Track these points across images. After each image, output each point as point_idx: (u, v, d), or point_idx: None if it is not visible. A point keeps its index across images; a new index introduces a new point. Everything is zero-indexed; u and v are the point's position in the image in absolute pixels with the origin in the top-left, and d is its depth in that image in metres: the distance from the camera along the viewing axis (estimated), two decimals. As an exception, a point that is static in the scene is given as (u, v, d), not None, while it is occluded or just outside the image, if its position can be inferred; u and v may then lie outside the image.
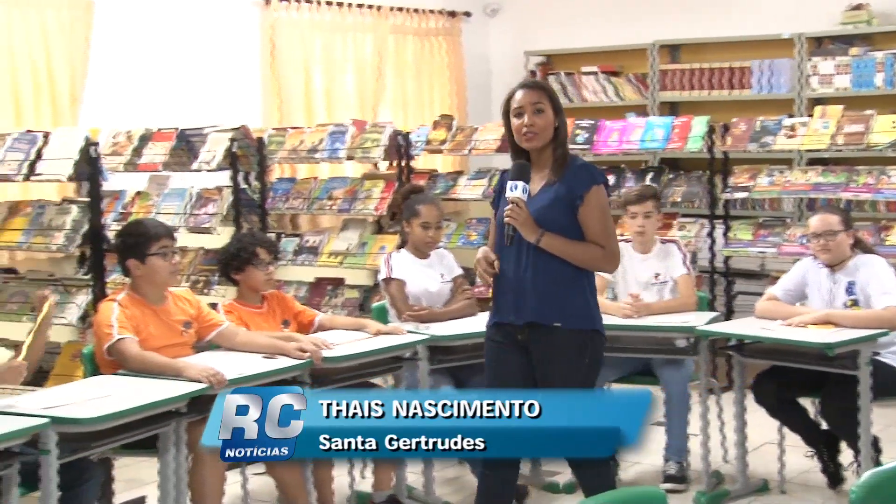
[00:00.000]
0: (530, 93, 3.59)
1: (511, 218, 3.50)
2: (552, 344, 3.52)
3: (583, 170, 3.59)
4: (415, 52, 8.06)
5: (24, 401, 3.46)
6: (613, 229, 3.63)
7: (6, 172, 4.81)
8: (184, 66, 6.51)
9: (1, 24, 5.60)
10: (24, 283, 5.00)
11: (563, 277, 3.53)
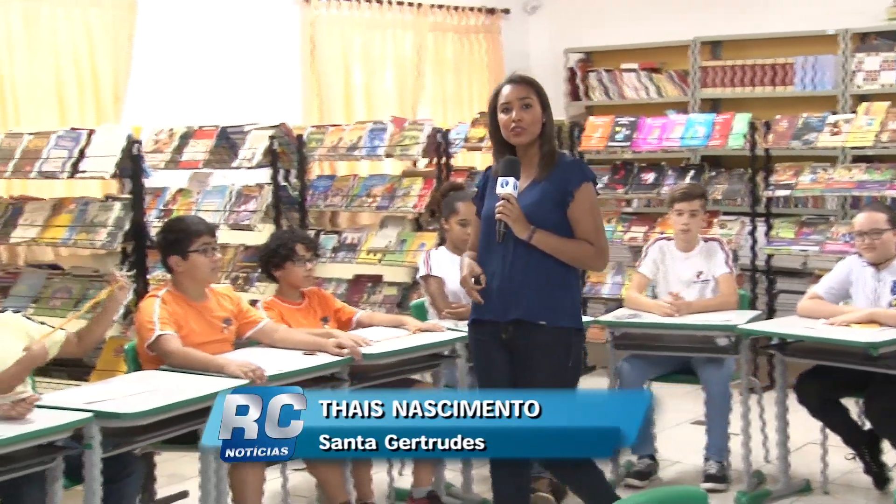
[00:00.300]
0: (518, 88, 3.53)
1: (503, 214, 3.43)
2: (537, 342, 3.47)
3: (573, 166, 3.56)
4: (454, 50, 8.05)
5: (68, 395, 3.50)
6: (603, 226, 3.60)
7: (51, 170, 4.87)
8: (225, 64, 6.56)
9: (46, 23, 5.66)
10: (69, 279, 5.07)
11: (551, 275, 3.48)
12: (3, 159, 5.04)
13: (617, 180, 6.55)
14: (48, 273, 5.15)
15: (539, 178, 3.51)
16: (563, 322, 3.49)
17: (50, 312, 4.91)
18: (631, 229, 6.51)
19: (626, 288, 6.02)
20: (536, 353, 3.47)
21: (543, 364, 3.47)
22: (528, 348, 3.48)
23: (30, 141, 5.02)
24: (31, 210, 5.13)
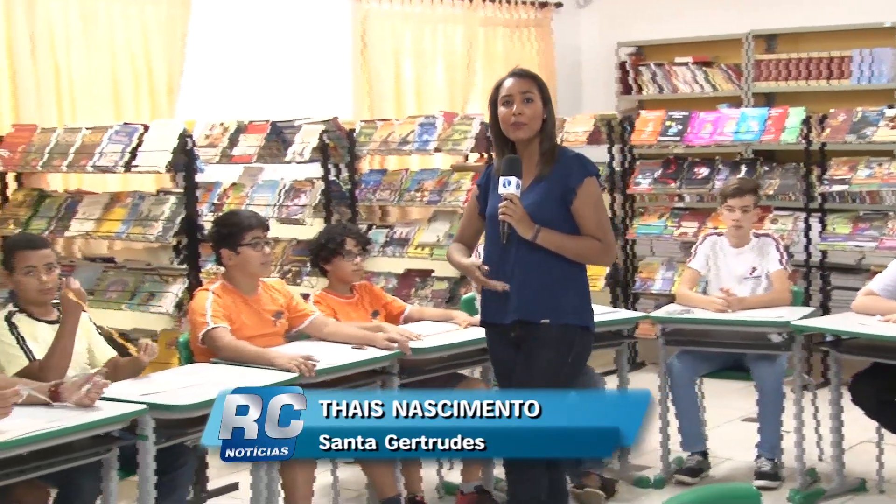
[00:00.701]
0: (520, 81, 3.45)
1: (506, 215, 3.37)
2: (539, 341, 3.42)
3: (574, 161, 3.47)
4: (505, 44, 8.03)
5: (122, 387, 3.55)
6: (608, 221, 3.53)
7: (106, 164, 4.93)
8: (277, 59, 6.60)
9: (102, 18, 5.74)
10: (123, 272, 5.13)
11: (554, 273, 3.42)
12: (60, 154, 5.11)
13: (668, 175, 6.50)
14: (103, 266, 5.22)
15: (540, 175, 3.44)
16: (568, 319, 3.42)
17: (105, 305, 4.98)
18: (682, 224, 6.46)
19: (677, 283, 5.98)
20: (538, 347, 3.43)
21: (541, 358, 3.42)
22: (532, 343, 3.44)
23: (86, 136, 5.09)
24: (86, 204, 5.21)
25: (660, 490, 4.61)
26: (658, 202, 7.07)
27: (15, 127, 5.35)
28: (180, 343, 4.15)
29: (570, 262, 3.43)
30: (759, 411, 4.67)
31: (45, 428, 3.05)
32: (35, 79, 5.46)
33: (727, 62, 7.89)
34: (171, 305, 4.85)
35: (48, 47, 5.51)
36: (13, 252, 3.66)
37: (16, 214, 5.31)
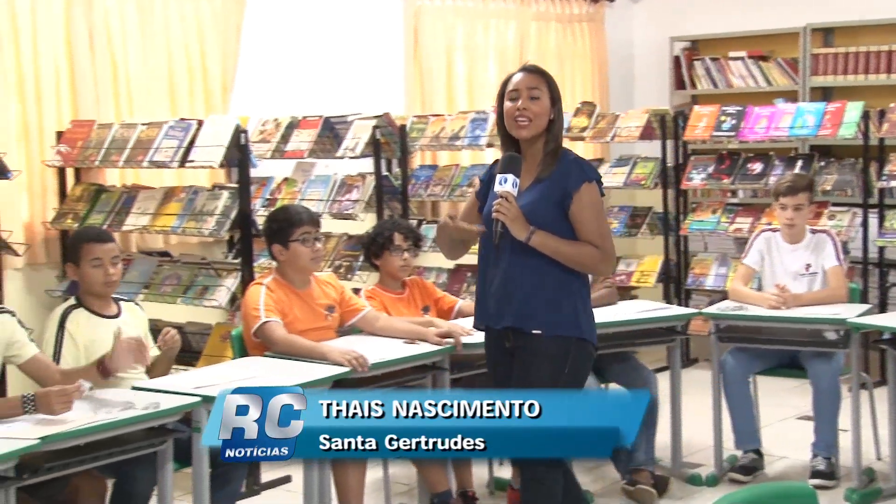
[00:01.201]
0: (529, 76, 3.33)
1: (500, 213, 3.23)
2: (532, 351, 3.29)
3: (574, 165, 3.34)
4: (557, 39, 8.00)
5: (177, 380, 3.60)
6: (608, 229, 3.40)
7: (162, 159, 4.99)
8: (330, 54, 6.63)
9: (158, 15, 5.80)
10: (178, 266, 5.20)
11: (550, 280, 3.28)
12: (117, 149, 5.19)
13: (722, 170, 6.43)
14: (158, 260, 5.29)
15: (541, 176, 3.31)
16: (561, 331, 3.28)
17: (160, 298, 5.04)
18: (736, 220, 6.40)
19: (731, 279, 5.91)
20: (533, 360, 3.29)
21: (537, 371, 3.28)
22: (526, 355, 3.30)
23: (142, 131, 5.15)
24: (142, 199, 5.28)
25: (713, 488, 4.57)
26: (711, 198, 6.99)
27: (74, 123, 5.44)
28: (234, 337, 4.19)
29: (567, 268, 3.29)
30: (814, 409, 4.60)
31: (102, 419, 3.10)
32: (93, 75, 5.54)
33: (783, 56, 7.78)
34: (225, 299, 4.89)
35: (106, 44, 5.58)
36: (81, 244, 3.71)
37: (74, 209, 5.39)
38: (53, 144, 5.40)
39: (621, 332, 4.55)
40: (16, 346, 3.40)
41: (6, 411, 3.14)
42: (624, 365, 4.65)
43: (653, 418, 4.53)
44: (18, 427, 3.02)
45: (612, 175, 6.92)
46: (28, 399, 3.15)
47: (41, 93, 5.40)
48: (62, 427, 3.02)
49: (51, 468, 3.01)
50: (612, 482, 4.62)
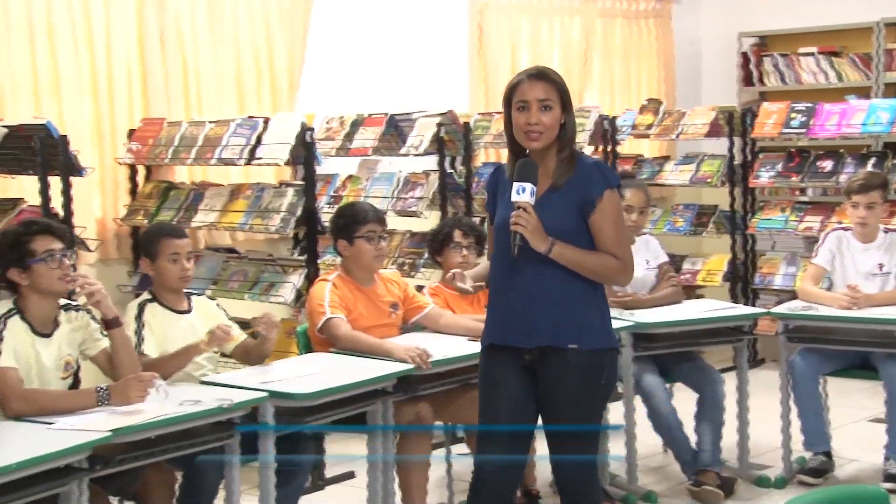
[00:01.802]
0: (539, 86, 3.13)
1: (519, 225, 3.06)
2: (566, 367, 3.13)
3: (595, 171, 3.18)
4: (623, 35, 7.94)
5: (244, 375, 3.64)
6: (627, 237, 3.27)
7: (229, 157, 5.05)
8: (394, 52, 6.65)
9: (227, 14, 5.87)
10: (244, 262, 5.25)
11: (575, 292, 3.14)
12: (186, 147, 5.26)
13: (791, 168, 6.33)
14: (226, 256, 5.35)
15: (557, 184, 3.15)
16: (595, 343, 3.17)
17: (227, 294, 5.11)
18: (805, 219, 6.30)
19: (800, 279, 5.82)
20: (565, 379, 3.14)
21: (572, 391, 3.15)
22: (556, 374, 3.15)
23: (210, 129, 5.22)
24: (210, 195, 5.35)
25: (781, 490, 4.50)
26: (780, 196, 6.89)
27: (145, 121, 5.53)
28: (299, 333, 4.23)
29: (585, 279, 3.16)
30: (887, 412, 4.51)
31: (171, 413, 3.15)
32: (164, 74, 5.62)
33: (855, 52, 7.63)
34: (290, 296, 4.94)
35: (176, 43, 5.66)
36: (158, 239, 3.76)
37: (145, 205, 5.48)
38: (125, 142, 5.50)
39: (687, 331, 4.52)
40: (90, 341, 3.48)
41: (81, 402, 3.21)
42: (690, 365, 4.61)
43: (719, 419, 4.48)
44: (91, 419, 3.08)
45: (677, 173, 6.86)
46: (102, 391, 3.22)
47: (114, 91, 5.50)
48: (133, 420, 3.07)
49: (122, 460, 3.07)
50: (677, 483, 4.58)
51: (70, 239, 3.44)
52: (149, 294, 3.78)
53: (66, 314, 3.41)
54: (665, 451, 4.82)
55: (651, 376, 4.50)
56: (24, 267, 3.29)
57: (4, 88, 5.07)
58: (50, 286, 3.30)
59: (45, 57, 5.21)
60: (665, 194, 7.42)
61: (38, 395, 3.21)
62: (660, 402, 4.47)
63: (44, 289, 3.30)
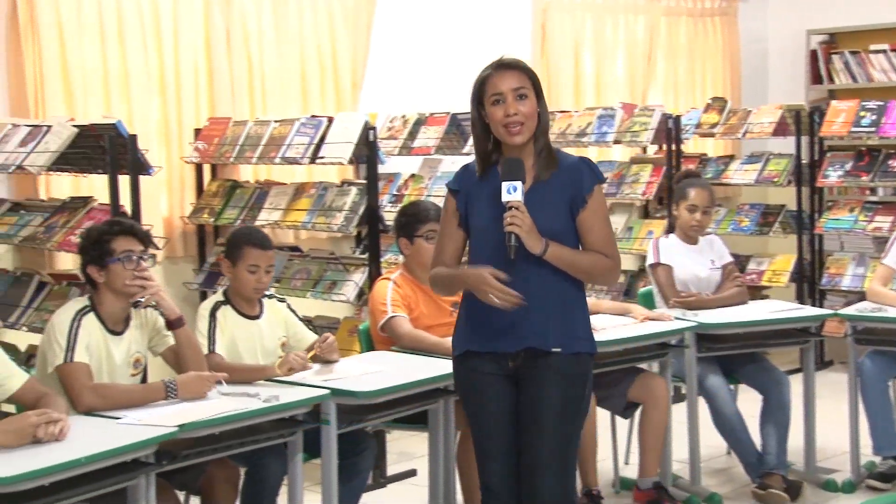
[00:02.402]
0: (510, 76, 3.03)
1: (514, 225, 2.92)
2: (548, 371, 3.01)
3: (583, 166, 3.05)
4: (688, 34, 7.86)
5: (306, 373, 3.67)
6: (614, 235, 3.15)
7: (293, 156, 5.09)
8: (457, 51, 6.65)
9: (292, 14, 5.93)
10: (307, 260, 5.30)
11: (565, 294, 3.03)
12: (251, 146, 5.32)
13: (861, 167, 6.22)
14: (289, 255, 5.40)
15: (540, 179, 3.02)
16: (580, 347, 3.05)
17: (290, 293, 5.15)
18: (875, 219, 6.18)
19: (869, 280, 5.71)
20: (548, 381, 3.02)
21: (555, 395, 3.01)
22: (540, 377, 3.02)
23: (275, 128, 5.27)
24: (274, 194, 5.40)
25: (849, 494, 4.42)
26: (848, 195, 6.76)
27: (210, 120, 5.60)
28: (361, 331, 4.25)
29: (575, 280, 3.05)
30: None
31: (236, 409, 3.19)
32: (230, 74, 5.69)
33: (928, 49, 7.46)
34: (353, 294, 4.97)
35: (242, 43, 5.73)
36: (244, 246, 3.76)
37: (210, 204, 5.56)
38: (191, 141, 5.58)
39: (753, 332, 4.47)
40: (158, 338, 3.53)
41: (150, 396, 3.27)
42: (755, 366, 4.55)
43: (785, 421, 4.42)
44: (157, 415, 3.13)
45: (742, 172, 6.77)
46: (170, 384, 3.27)
47: (181, 91, 5.58)
48: (199, 415, 3.11)
49: (187, 455, 3.11)
50: (741, 485, 4.53)
51: (150, 242, 3.47)
52: (222, 296, 3.81)
53: (136, 312, 3.47)
54: (729, 453, 4.77)
55: (715, 377, 4.45)
56: (103, 265, 3.35)
57: (76, 89, 5.18)
58: (123, 287, 3.35)
59: (115, 57, 5.31)
60: (730, 194, 7.34)
61: (109, 390, 3.27)
62: (724, 404, 4.42)
63: (117, 289, 3.36)
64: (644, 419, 4.30)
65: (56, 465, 2.72)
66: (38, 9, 5.03)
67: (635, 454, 4.48)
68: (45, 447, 2.81)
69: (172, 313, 3.45)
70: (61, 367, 3.24)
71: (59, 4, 5.10)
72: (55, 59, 5.10)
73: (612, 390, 4.33)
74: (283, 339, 3.83)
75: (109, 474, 2.89)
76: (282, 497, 3.58)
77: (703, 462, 4.55)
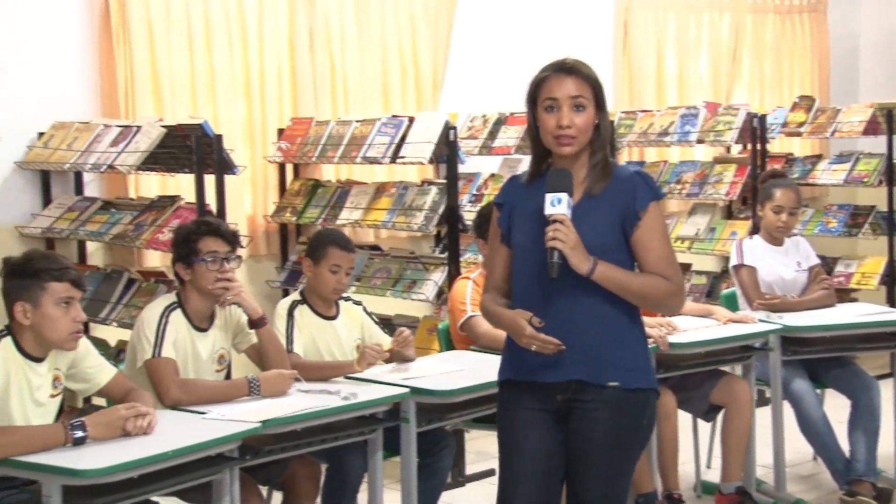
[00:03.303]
0: (570, 82, 2.74)
1: (557, 241, 2.64)
2: (602, 408, 2.71)
3: (638, 180, 2.75)
4: (774, 31, 7.72)
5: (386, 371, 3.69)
6: (675, 255, 2.81)
7: (374, 155, 5.13)
8: (538, 50, 6.62)
9: (374, 14, 5.97)
10: (388, 259, 5.33)
11: (617, 320, 2.73)
12: (333, 145, 5.37)
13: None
14: (369, 253, 5.44)
15: (591, 193, 2.74)
16: (640, 382, 2.74)
17: (370, 291, 5.19)
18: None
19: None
20: (601, 418, 2.71)
21: (608, 434, 2.71)
22: (592, 412, 2.72)
23: (356, 128, 5.31)
24: (355, 193, 5.44)
25: (946, 502, 4.31)
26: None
27: (293, 120, 5.67)
28: (440, 330, 4.26)
29: (630, 306, 2.75)
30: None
31: (317, 406, 3.23)
32: (312, 74, 5.76)
33: None
34: (432, 293, 4.98)
35: (325, 44, 5.79)
36: (328, 246, 3.80)
37: (292, 203, 5.62)
38: (275, 141, 5.65)
39: (840, 335, 4.38)
40: (242, 335, 3.59)
41: (235, 392, 3.33)
42: (843, 370, 4.45)
43: (874, 427, 4.32)
44: (241, 410, 3.18)
45: (830, 172, 6.62)
46: (254, 381, 3.33)
47: (265, 92, 5.66)
48: (281, 412, 3.15)
49: (270, 451, 3.16)
50: (828, 492, 4.44)
51: (237, 243, 3.53)
52: (300, 295, 3.87)
53: (221, 309, 3.53)
54: (815, 459, 4.68)
55: (801, 381, 4.37)
56: (189, 264, 3.42)
57: (165, 90, 5.29)
58: (207, 287, 3.42)
59: (202, 60, 5.41)
60: (817, 194, 7.19)
61: (195, 385, 3.34)
62: (810, 408, 4.33)
63: (201, 288, 3.43)
64: (727, 423, 4.24)
65: (144, 458, 2.78)
66: (129, 14, 5.15)
67: (718, 458, 4.41)
68: (134, 440, 2.88)
69: (255, 313, 3.50)
70: (149, 363, 3.32)
71: (150, 9, 5.21)
72: (145, 62, 5.22)
73: (694, 392, 4.28)
74: (358, 341, 3.86)
75: (194, 468, 2.95)
76: (362, 494, 3.62)
77: (789, 468, 4.47)
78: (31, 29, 5.05)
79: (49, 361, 3.04)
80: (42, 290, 2.95)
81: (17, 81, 5.02)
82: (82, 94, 5.20)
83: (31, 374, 2.99)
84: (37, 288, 2.95)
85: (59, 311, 2.96)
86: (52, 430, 2.85)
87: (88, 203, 5.05)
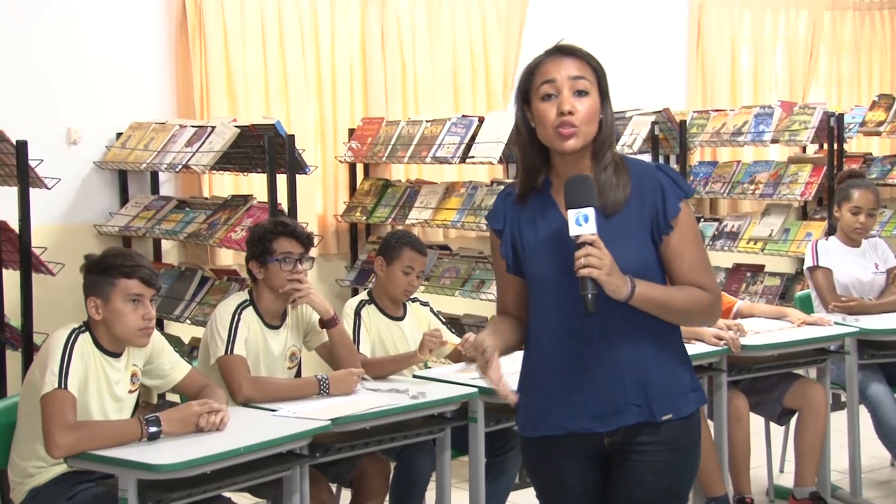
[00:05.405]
0: (569, 62, 2.34)
1: (591, 268, 2.20)
2: (658, 444, 2.33)
3: (665, 180, 2.33)
4: (853, 29, 7.57)
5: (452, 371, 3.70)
6: (709, 260, 2.42)
7: (444, 155, 5.15)
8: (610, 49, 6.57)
9: (445, 15, 5.99)
10: (456, 259, 5.34)
11: (661, 345, 2.33)
12: (403, 145, 5.40)
13: None
14: (438, 253, 5.46)
15: (617, 200, 2.32)
16: (690, 406, 2.37)
17: (439, 291, 5.21)
18: None
19: None
20: (652, 457, 2.34)
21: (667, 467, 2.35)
22: (645, 452, 2.34)
23: (426, 128, 5.34)
24: (425, 193, 5.47)
25: None
26: None
27: (364, 120, 5.71)
28: (509, 330, 4.24)
29: (664, 323, 2.34)
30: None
31: (387, 405, 3.25)
32: (383, 74, 5.79)
33: None
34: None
35: (396, 44, 5.83)
36: (403, 247, 3.83)
37: (363, 202, 5.67)
38: (345, 141, 5.70)
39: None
40: (312, 334, 3.63)
41: (305, 390, 3.36)
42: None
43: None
44: (311, 408, 3.21)
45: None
46: (323, 380, 3.36)
47: (336, 92, 5.71)
48: (350, 410, 3.18)
49: (339, 448, 3.19)
50: (905, 500, 4.34)
51: (310, 245, 3.57)
52: (367, 295, 3.89)
53: (293, 308, 3.58)
54: (893, 465, 4.58)
55: (878, 385, 4.28)
56: (262, 263, 3.47)
57: (238, 91, 5.37)
58: (278, 286, 3.46)
59: (275, 61, 5.48)
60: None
61: (266, 383, 3.38)
62: (888, 413, 4.24)
63: (273, 287, 3.47)
64: (801, 427, 4.17)
65: (217, 454, 2.82)
66: (205, 17, 5.23)
67: (791, 462, 4.34)
68: (207, 436, 2.92)
69: (326, 314, 3.54)
70: (221, 360, 3.37)
71: (225, 12, 5.30)
72: (220, 64, 5.30)
73: (767, 396, 4.21)
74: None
75: (265, 464, 2.99)
76: (430, 492, 3.63)
77: (865, 473, 4.38)
78: (110, 33, 5.17)
79: (126, 357, 3.10)
80: (112, 287, 3.00)
81: (96, 83, 5.13)
82: (159, 96, 5.30)
83: (109, 369, 3.05)
84: (107, 284, 3.01)
85: (128, 307, 3.01)
86: (128, 425, 2.90)
87: (164, 202, 5.14)
